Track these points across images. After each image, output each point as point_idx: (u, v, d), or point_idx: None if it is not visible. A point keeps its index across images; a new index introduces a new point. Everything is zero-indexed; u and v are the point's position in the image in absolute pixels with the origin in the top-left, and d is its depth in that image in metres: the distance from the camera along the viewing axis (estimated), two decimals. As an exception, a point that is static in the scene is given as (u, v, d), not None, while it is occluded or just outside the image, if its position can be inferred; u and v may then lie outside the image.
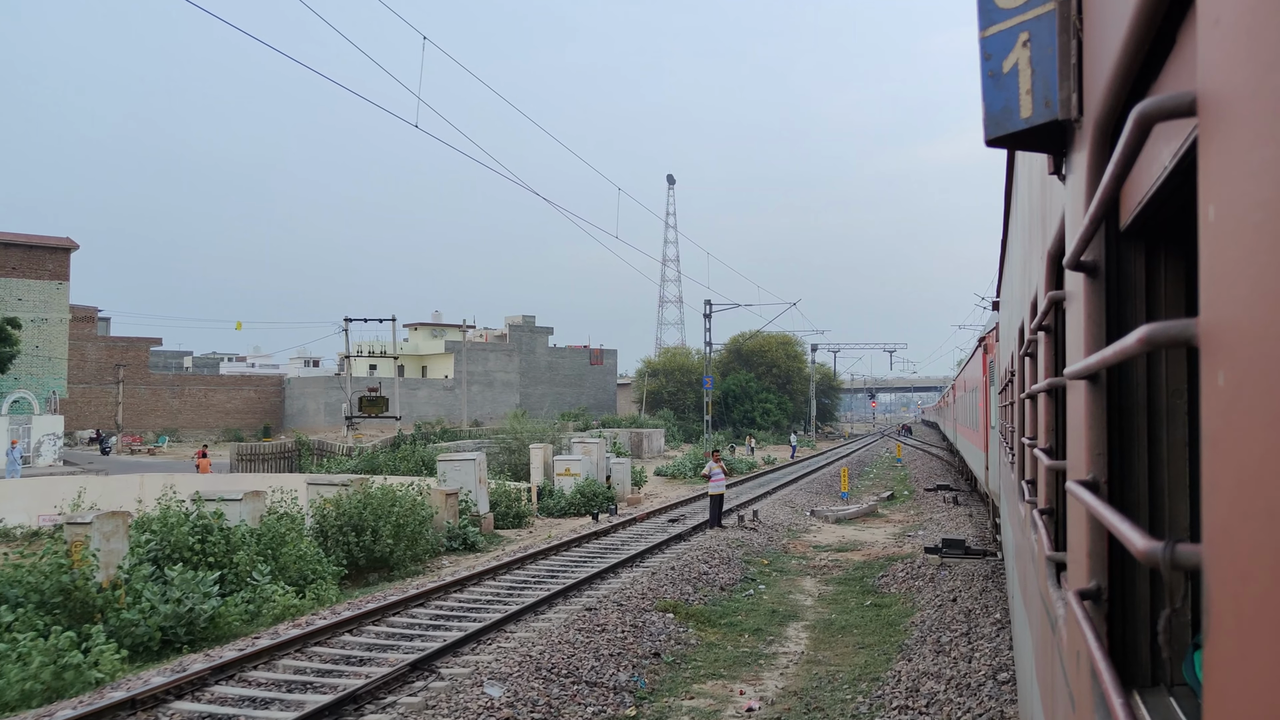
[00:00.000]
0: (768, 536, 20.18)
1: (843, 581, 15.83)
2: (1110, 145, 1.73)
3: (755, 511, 22.74)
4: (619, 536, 19.75)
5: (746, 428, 70.37)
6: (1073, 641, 2.09)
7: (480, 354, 73.38)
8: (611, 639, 11.02)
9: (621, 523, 21.50)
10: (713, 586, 14.81)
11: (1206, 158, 0.92)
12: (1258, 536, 0.73)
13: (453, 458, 23.02)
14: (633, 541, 18.82)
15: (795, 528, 22.53)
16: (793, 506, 26.66)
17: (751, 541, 19.22)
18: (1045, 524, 3.17)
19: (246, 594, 13.09)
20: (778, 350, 78.62)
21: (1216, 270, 0.87)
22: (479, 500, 21.79)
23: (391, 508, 17.20)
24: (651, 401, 73.05)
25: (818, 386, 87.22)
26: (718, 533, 19.68)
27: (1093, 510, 1.54)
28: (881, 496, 29.30)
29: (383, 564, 17.13)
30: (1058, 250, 2.69)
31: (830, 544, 20.09)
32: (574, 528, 21.75)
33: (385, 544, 16.86)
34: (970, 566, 15.07)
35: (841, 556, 18.40)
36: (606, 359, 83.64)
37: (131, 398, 61.88)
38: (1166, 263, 1.91)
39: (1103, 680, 1.40)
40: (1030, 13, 2.22)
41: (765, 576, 16.18)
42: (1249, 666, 0.73)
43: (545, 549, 17.22)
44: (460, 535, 19.74)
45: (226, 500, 15.56)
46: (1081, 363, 1.74)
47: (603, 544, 18.66)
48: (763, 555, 18.05)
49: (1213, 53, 0.89)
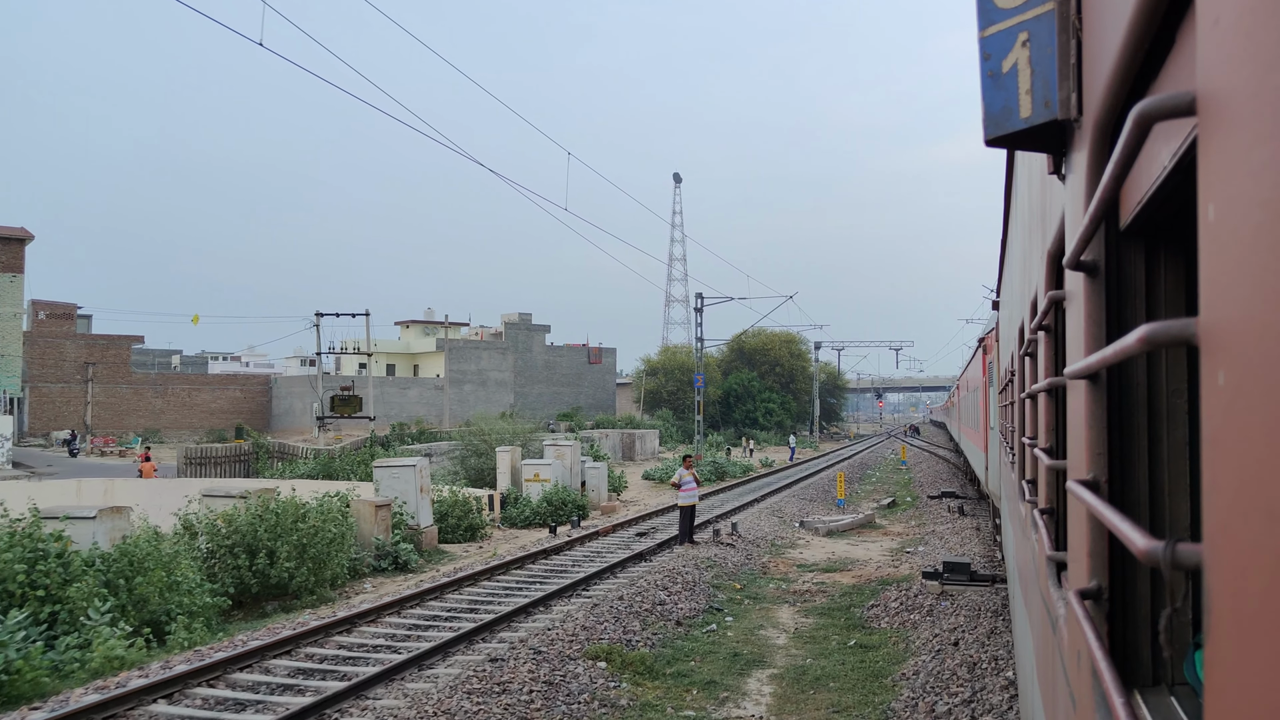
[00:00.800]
0: (746, 553, 18.08)
1: (825, 612, 13.49)
2: (1110, 145, 1.73)
3: (735, 524, 20.65)
4: (573, 554, 17.50)
5: (749, 428, 69.14)
6: (1073, 641, 2.09)
7: (473, 352, 72.06)
8: (512, 704, 8.59)
9: (582, 537, 19.19)
10: (667, 620, 12.38)
11: (1206, 157, 0.92)
12: (1258, 536, 0.73)
13: (391, 464, 20.21)
14: (586, 561, 16.59)
15: (780, 542, 20.25)
16: (781, 516, 24.31)
17: (726, 560, 17.06)
18: (1046, 524, 3.17)
19: (74, 638, 10.50)
20: (781, 349, 77.27)
21: (1216, 270, 0.87)
22: (419, 512, 19.26)
23: (294, 524, 14.45)
24: (651, 401, 71.79)
25: (823, 386, 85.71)
26: (687, 550, 17.53)
27: (1093, 510, 1.54)
28: (881, 504, 27.53)
29: (281, 591, 14.46)
30: (1058, 250, 2.70)
31: (817, 562, 17.90)
32: (530, 542, 19.66)
33: (284, 568, 14.09)
34: (976, 597, 12.99)
35: (828, 579, 16.16)
36: (605, 358, 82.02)
37: (112, 397, 60.58)
38: (1166, 262, 1.91)
39: (1104, 680, 1.40)
40: (1029, 12, 2.22)
41: (735, 605, 13.98)
42: (1250, 666, 0.73)
43: (482, 571, 14.96)
44: (391, 553, 17.23)
45: (74, 519, 12.94)
46: (1082, 362, 1.74)
47: (551, 564, 16.36)
48: (736, 577, 15.96)
49: (1212, 52, 0.90)
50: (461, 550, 19.74)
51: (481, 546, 20.19)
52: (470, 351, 71.81)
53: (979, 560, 15.49)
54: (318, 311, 44.94)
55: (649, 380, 73.67)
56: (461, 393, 68.78)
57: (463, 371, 69.87)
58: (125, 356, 62.73)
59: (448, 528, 20.93)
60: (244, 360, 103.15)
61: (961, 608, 12.54)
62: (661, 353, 78.27)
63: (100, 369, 61.13)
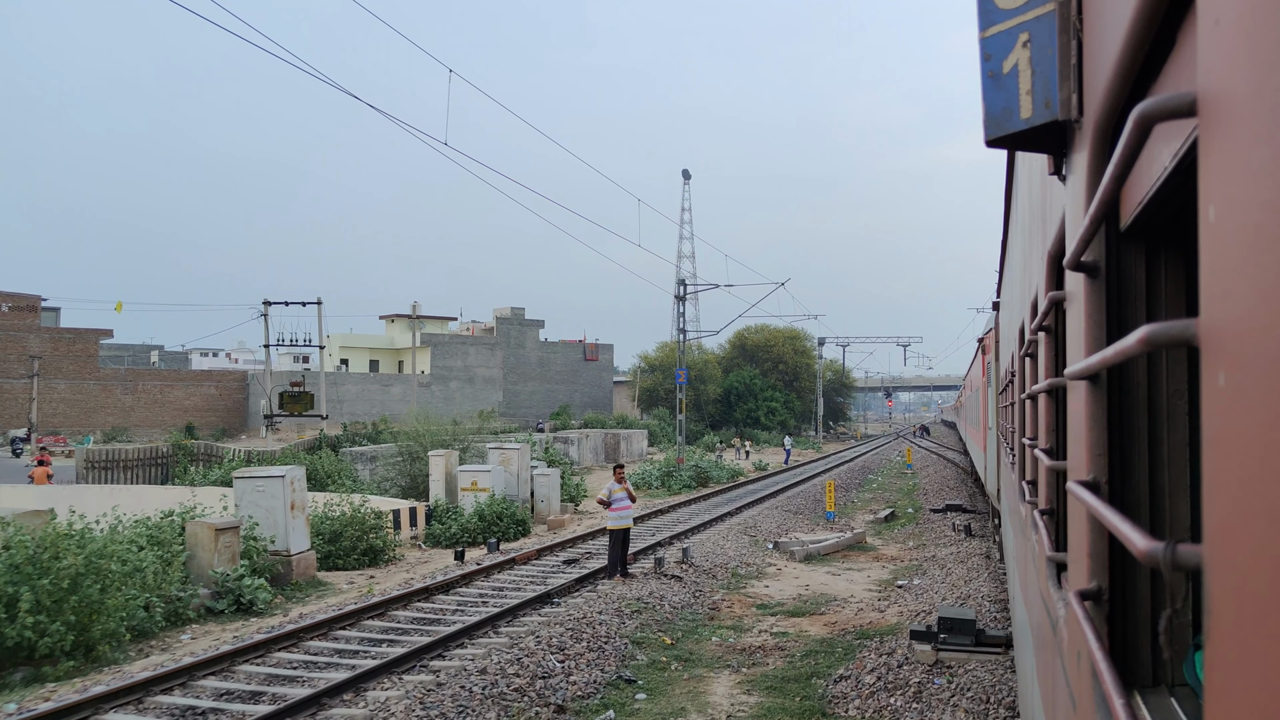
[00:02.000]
0: (694, 589, 14.25)
1: (777, 684, 9.75)
2: (1110, 146, 1.73)
3: (686, 549, 16.65)
4: (466, 593, 13.94)
5: (750, 428, 67.42)
6: (1073, 642, 2.09)
7: (459, 348, 69.44)
8: None
9: (493, 565, 15.70)
10: (543, 705, 8.68)
11: (1207, 158, 0.92)
12: (1258, 537, 0.73)
13: (254, 474, 16.14)
14: (480, 603, 13.23)
15: (744, 570, 16.29)
16: (754, 535, 20.46)
17: (664, 600, 13.15)
18: (1046, 524, 3.18)
19: None
20: (785, 345, 74.40)
21: (1217, 271, 0.87)
22: (289, 533, 15.54)
23: (53, 563, 10.69)
24: (648, 399, 68.96)
25: (829, 385, 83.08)
26: (615, 587, 13.76)
27: (1093, 511, 1.54)
28: (878, 516, 24.20)
29: (29, 655, 10.46)
30: (1058, 251, 2.70)
31: (783, 601, 13.94)
32: (437, 569, 16.57)
33: (27, 623, 10.19)
34: (982, 674, 9.07)
35: (793, 626, 12.34)
36: (602, 354, 79.24)
37: (79, 394, 57.73)
38: (1167, 263, 1.91)
39: (1104, 681, 1.40)
40: (1030, 13, 2.22)
41: (656, 672, 10.24)
42: (1250, 667, 0.73)
43: (332, 619, 11.74)
44: (233, 591, 13.44)
45: None
46: (1082, 363, 1.74)
47: (434, 606, 12.99)
48: (671, 626, 12.15)
49: (1213, 53, 0.89)
50: (348, 581, 16.08)
51: (372, 577, 16.41)
52: (456, 347, 69.46)
53: (988, 608, 11.83)
54: (265, 300, 42.02)
55: (646, 378, 70.50)
56: (447, 390, 66.87)
57: (448, 368, 67.85)
58: (93, 351, 59.65)
59: (340, 551, 17.59)
60: (233, 356, 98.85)
61: (962, 692, 8.70)
62: (660, 349, 73.78)
63: (66, 364, 57.20)
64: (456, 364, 68.82)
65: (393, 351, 74.75)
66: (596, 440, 47.07)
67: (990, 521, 19.09)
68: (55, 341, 58.69)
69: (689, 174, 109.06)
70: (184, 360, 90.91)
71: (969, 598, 12.76)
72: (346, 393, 61.77)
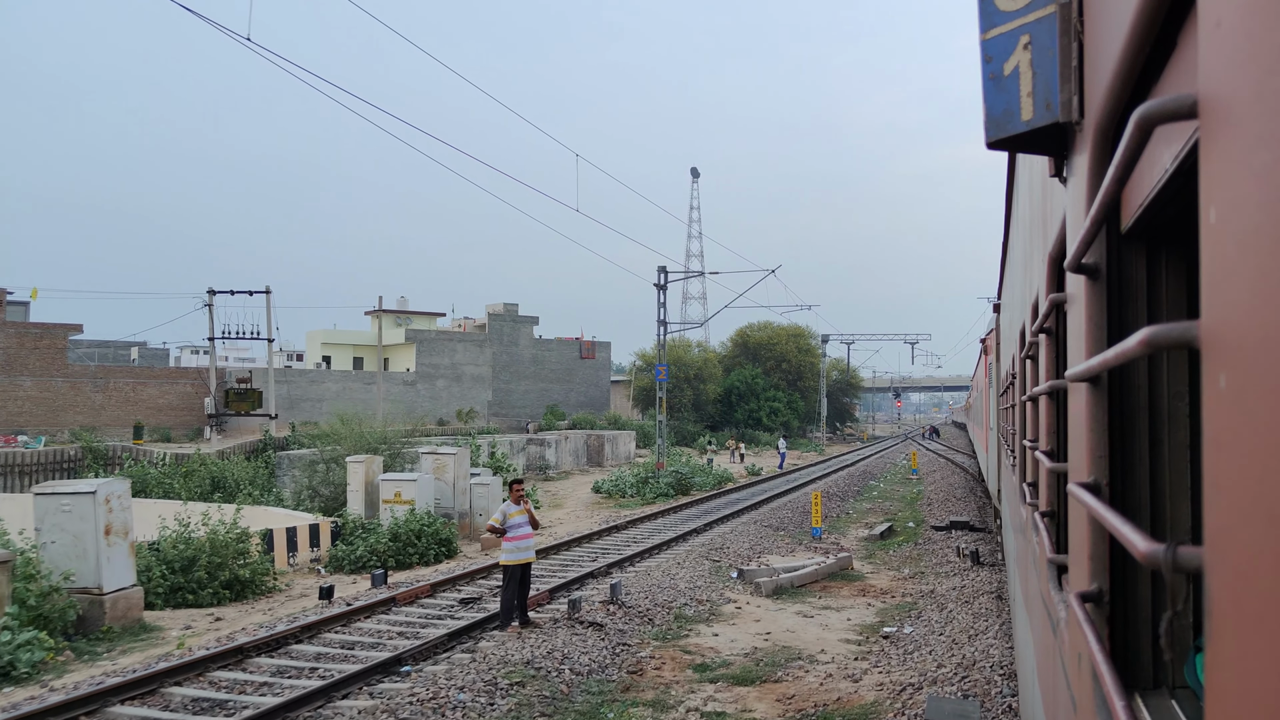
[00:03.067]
0: (616, 642, 10.83)
1: None
2: (1111, 148, 1.74)
3: (615, 585, 12.84)
4: (308, 650, 10.76)
5: (752, 429, 65.29)
6: (1074, 644, 2.09)
7: (445, 345, 66.00)
8: None
9: (373, 604, 12.58)
10: None
11: (1208, 160, 0.92)
12: (1259, 539, 0.72)
13: (58, 490, 12.99)
14: (305, 672, 9.87)
15: (692, 611, 12.77)
16: (718, 558, 16.75)
17: (565, 663, 9.84)
18: (1047, 526, 3.18)
19: None
20: (788, 343, 71.28)
21: (1218, 273, 0.87)
22: (103, 566, 12.38)
23: None
24: (645, 399, 65.19)
25: (835, 385, 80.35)
26: (506, 641, 10.60)
27: (1094, 513, 1.54)
28: (873, 531, 20.78)
29: None
30: (1059, 252, 2.70)
31: (731, 659, 10.54)
32: (304, 608, 13.30)
33: None
34: None
35: (734, 702, 9.01)
36: (600, 352, 74.80)
37: (45, 392, 54.22)
38: (1168, 265, 1.91)
39: (1104, 682, 1.40)
40: (1031, 15, 2.22)
41: None
42: (1250, 668, 0.73)
43: (86, 696, 8.69)
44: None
45: None
46: (1083, 365, 1.74)
47: (234, 679, 9.61)
48: (564, 707, 8.75)
49: (1213, 55, 0.90)
50: (187, 624, 12.97)
51: (219, 619, 13.27)
52: (443, 344, 66.04)
53: (998, 684, 8.83)
54: (210, 289, 39.47)
55: (642, 376, 66.58)
56: (433, 388, 63.82)
57: (435, 365, 64.70)
58: (61, 346, 55.95)
59: (192, 583, 14.22)
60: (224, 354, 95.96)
61: None
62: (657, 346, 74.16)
63: (33, 360, 53.17)
64: (443, 361, 65.68)
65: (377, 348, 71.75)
66: (578, 442, 43.05)
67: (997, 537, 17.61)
68: (21, 336, 53.95)
69: (697, 172, 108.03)
70: (164, 358, 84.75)
71: (973, 665, 9.53)
72: (326, 391, 58.87)
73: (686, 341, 70.20)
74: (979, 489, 28.73)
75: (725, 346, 74.89)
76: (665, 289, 37.45)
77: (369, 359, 69.55)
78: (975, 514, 23.18)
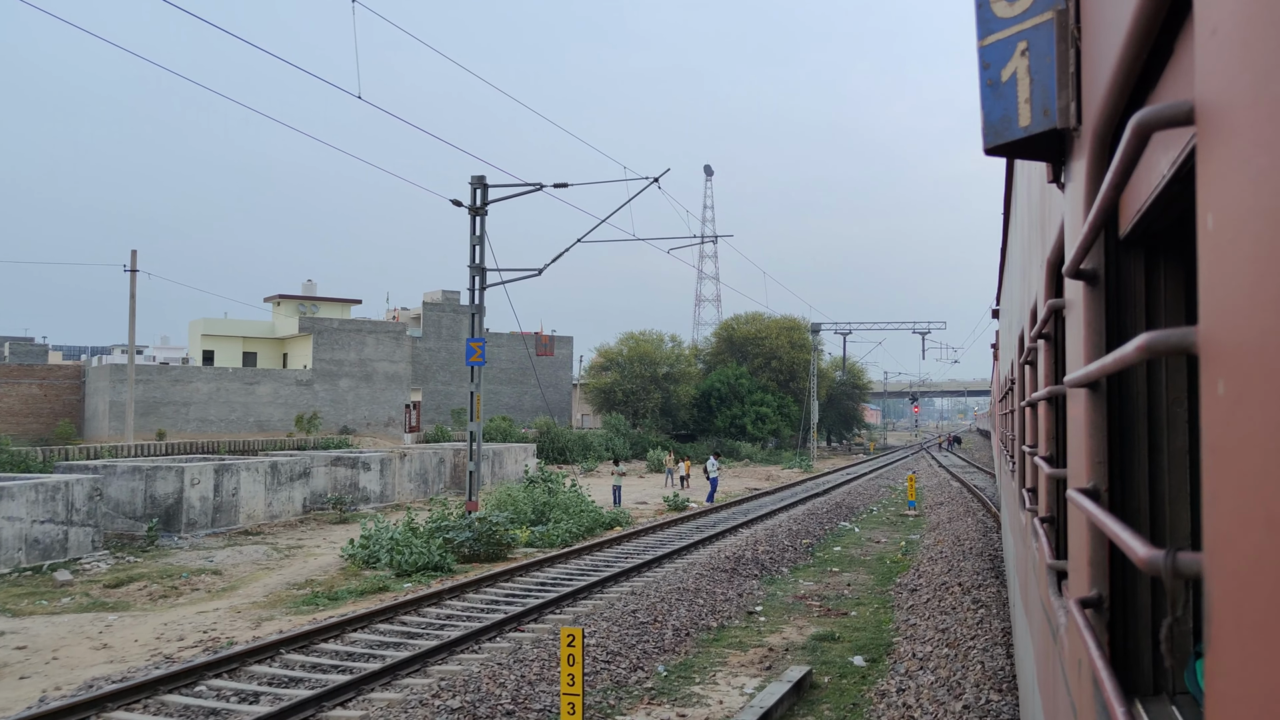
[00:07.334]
0: None
1: None
2: (1109, 154, 1.74)
3: None
4: None
5: (734, 439, 55.43)
6: (1074, 650, 2.08)
7: (351, 337, 53.29)
8: None
9: None
10: None
11: (1205, 166, 0.92)
12: (1259, 545, 0.72)
13: None
14: None
15: None
16: None
17: None
18: (1046, 532, 3.18)
19: None
20: (779, 337, 61.15)
21: (1216, 278, 0.87)
22: None
23: None
24: (604, 401, 56.50)
25: (838, 386, 70.73)
26: None
27: (1094, 518, 1.54)
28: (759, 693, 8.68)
29: None
30: (1057, 258, 2.70)
31: None
32: None
33: None
34: None
35: None
36: (560, 348, 62.75)
37: None
38: (1166, 271, 1.92)
39: (1105, 689, 1.40)
40: (1029, 22, 2.23)
41: None
42: (1251, 675, 0.73)
43: None
44: None
45: None
46: (1081, 371, 1.74)
47: None
48: None
49: (1210, 61, 0.90)
50: None
51: None
52: (348, 336, 52.98)
53: None
54: None
55: (600, 376, 57.49)
56: (335, 390, 52.07)
57: (337, 361, 52.47)
58: None
59: None
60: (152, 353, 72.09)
61: None
62: (624, 340, 58.44)
63: None
64: (349, 357, 53.14)
65: (275, 341, 57.28)
66: (428, 462, 29.78)
67: None
68: None
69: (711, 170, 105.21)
70: (42, 354, 69.61)
71: None
72: (194, 392, 47.65)
73: (659, 335, 59.73)
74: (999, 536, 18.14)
75: (710, 342, 65.89)
76: (484, 212, 20.89)
77: (264, 354, 56.96)
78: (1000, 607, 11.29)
